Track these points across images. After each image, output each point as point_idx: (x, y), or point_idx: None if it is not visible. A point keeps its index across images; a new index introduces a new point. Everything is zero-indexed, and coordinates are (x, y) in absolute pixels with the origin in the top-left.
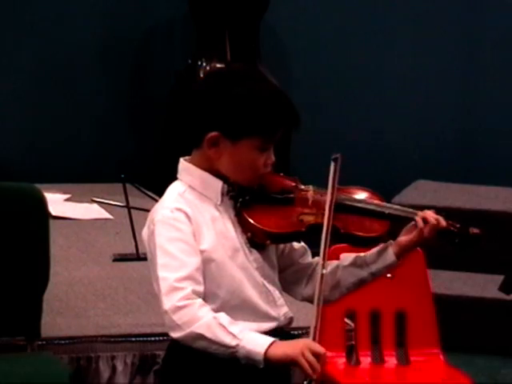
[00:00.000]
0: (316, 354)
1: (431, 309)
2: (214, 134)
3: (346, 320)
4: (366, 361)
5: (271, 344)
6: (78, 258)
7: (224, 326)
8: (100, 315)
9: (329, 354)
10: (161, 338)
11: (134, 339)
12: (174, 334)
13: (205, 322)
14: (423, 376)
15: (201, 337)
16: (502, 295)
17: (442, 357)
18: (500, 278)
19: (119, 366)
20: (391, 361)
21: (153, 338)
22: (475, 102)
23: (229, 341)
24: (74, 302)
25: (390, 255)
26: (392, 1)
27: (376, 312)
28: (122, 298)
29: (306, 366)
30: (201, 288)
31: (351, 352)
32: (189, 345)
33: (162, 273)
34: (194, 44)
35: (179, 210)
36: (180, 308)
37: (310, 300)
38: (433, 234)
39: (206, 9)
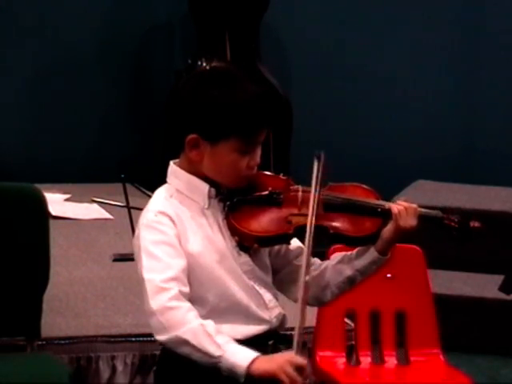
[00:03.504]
0: (297, 367)
1: (431, 309)
2: (193, 136)
3: (346, 320)
4: (366, 361)
5: (254, 359)
6: (78, 257)
7: (210, 335)
8: (100, 315)
9: (329, 353)
10: None
11: (133, 339)
12: (159, 337)
13: (191, 327)
14: (423, 376)
15: (185, 343)
16: (502, 295)
17: (441, 357)
18: (500, 278)
19: (119, 366)
20: (391, 361)
21: (153, 338)
22: (475, 102)
23: (213, 350)
24: (74, 302)
25: (372, 251)
26: (392, 1)
27: (376, 312)
28: (122, 297)
29: (287, 381)
30: (187, 289)
31: (351, 352)
32: (172, 349)
33: (147, 275)
34: (194, 44)
35: (163, 213)
36: (169, 309)
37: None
38: (410, 223)
39: (206, 9)
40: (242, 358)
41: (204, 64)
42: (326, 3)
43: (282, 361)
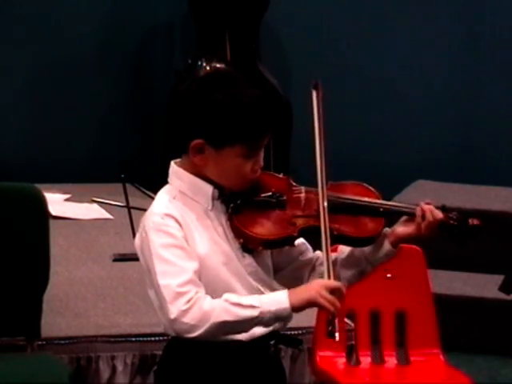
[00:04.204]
0: (333, 290)
1: (431, 309)
2: (198, 141)
3: (346, 320)
4: (365, 361)
5: (289, 295)
6: (78, 257)
7: (238, 304)
8: (100, 315)
9: (329, 353)
10: (161, 338)
11: (133, 339)
12: (193, 334)
13: (219, 309)
14: (423, 376)
15: (224, 323)
16: (502, 295)
17: (441, 357)
18: (500, 278)
19: (119, 366)
20: (391, 361)
21: (153, 338)
22: (475, 102)
23: (250, 313)
24: (74, 302)
25: (386, 244)
26: (392, 1)
27: (376, 312)
28: (122, 297)
29: (326, 304)
30: (202, 290)
31: (351, 352)
32: (211, 338)
33: (162, 280)
34: (194, 44)
35: (169, 215)
36: (186, 311)
37: None
38: (430, 230)
39: (206, 9)
40: (279, 300)
41: (204, 64)
42: (326, 3)
43: (317, 287)
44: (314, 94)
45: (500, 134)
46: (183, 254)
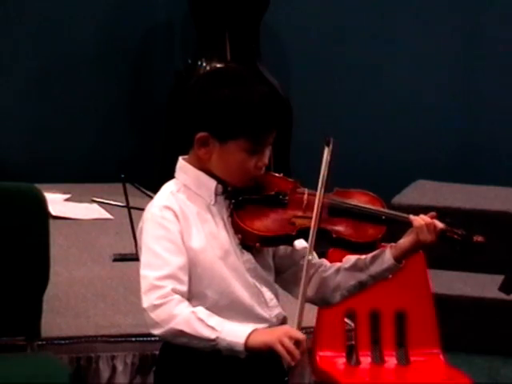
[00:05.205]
0: (296, 341)
1: (431, 309)
2: (202, 134)
3: (346, 320)
4: (366, 361)
5: (250, 333)
6: (77, 258)
7: (202, 320)
8: (100, 315)
9: (329, 353)
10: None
11: (134, 339)
12: (154, 331)
13: (183, 317)
14: (423, 376)
15: (181, 333)
16: (502, 295)
17: (441, 357)
18: (500, 278)
19: (119, 366)
20: (391, 361)
21: (153, 338)
22: (475, 102)
23: (208, 334)
24: (74, 301)
25: (389, 258)
26: (393, 1)
27: (376, 312)
28: (122, 297)
29: (284, 353)
30: (183, 287)
31: (351, 352)
32: (170, 341)
33: (143, 271)
34: (194, 44)
35: (168, 208)
36: (157, 306)
37: (311, 301)
38: (430, 238)
39: (206, 9)
40: (238, 334)
41: (204, 64)
42: (326, 3)
43: (279, 333)
44: (326, 150)
45: (500, 133)
46: (172, 248)
